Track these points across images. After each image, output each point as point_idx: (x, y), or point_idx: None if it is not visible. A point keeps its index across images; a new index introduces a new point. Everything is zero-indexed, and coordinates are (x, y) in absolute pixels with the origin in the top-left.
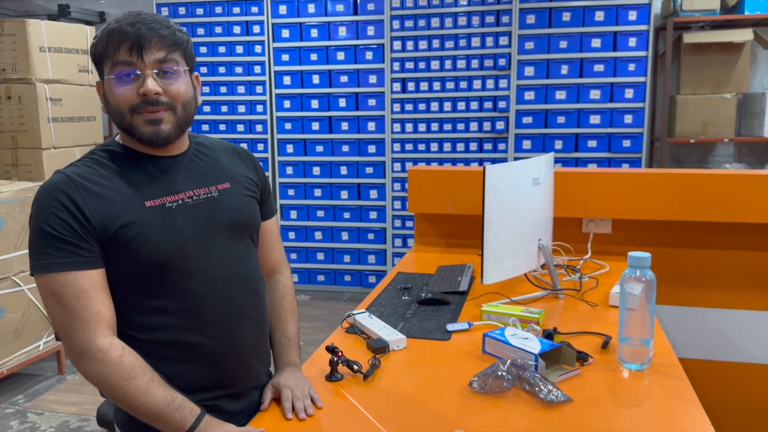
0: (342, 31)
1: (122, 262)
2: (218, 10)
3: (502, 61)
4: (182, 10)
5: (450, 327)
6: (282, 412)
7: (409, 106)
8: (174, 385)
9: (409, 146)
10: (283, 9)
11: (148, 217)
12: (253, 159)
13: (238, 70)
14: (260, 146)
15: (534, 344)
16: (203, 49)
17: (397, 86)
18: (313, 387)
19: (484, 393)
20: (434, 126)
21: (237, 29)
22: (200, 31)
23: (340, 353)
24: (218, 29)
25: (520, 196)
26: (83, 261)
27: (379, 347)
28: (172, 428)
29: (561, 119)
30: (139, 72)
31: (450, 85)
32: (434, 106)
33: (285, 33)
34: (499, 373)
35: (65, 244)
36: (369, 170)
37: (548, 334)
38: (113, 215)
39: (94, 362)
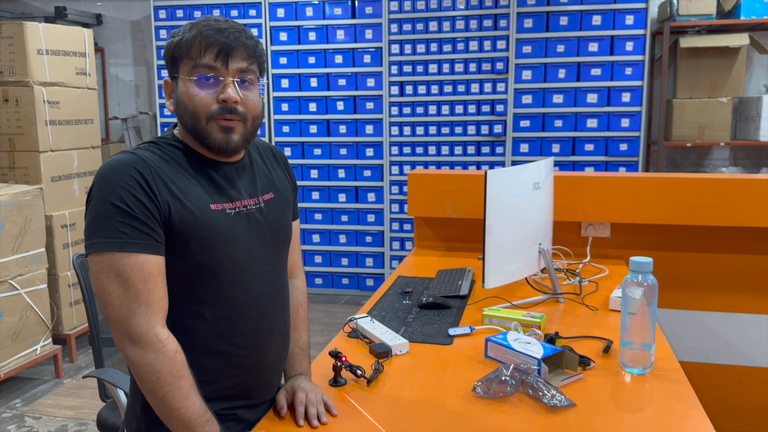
0: (340, 34)
1: (175, 260)
2: (216, 13)
3: (499, 65)
4: (180, 13)
5: (452, 331)
6: (293, 417)
7: (407, 110)
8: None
9: (407, 149)
10: (281, 12)
11: (212, 219)
12: (286, 160)
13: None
14: None
15: (537, 349)
16: None
17: (395, 89)
18: (325, 395)
19: (488, 398)
20: (432, 129)
21: None
22: None
23: (343, 358)
24: None
25: (520, 201)
26: (155, 245)
27: (381, 352)
28: None
29: (558, 123)
30: (221, 78)
31: (448, 88)
32: (432, 109)
33: (283, 36)
34: (503, 377)
35: (140, 224)
36: (367, 173)
37: (550, 339)
38: (180, 210)
39: (150, 351)
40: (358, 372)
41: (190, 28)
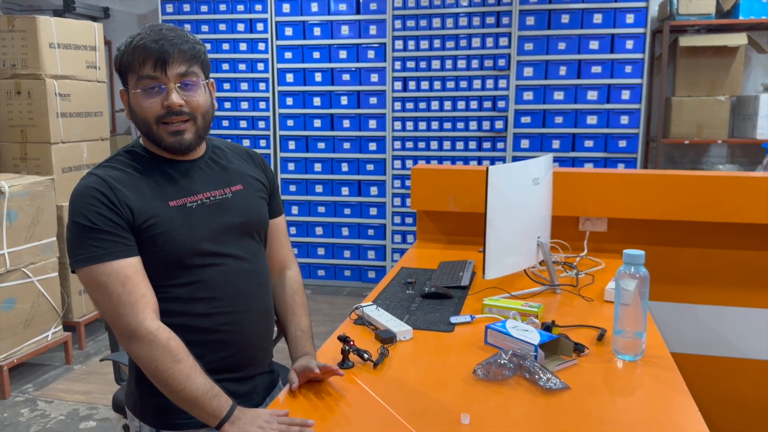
0: (344, 29)
1: (146, 255)
2: (222, 7)
3: (501, 62)
4: (187, 7)
5: (453, 319)
6: (306, 394)
7: (409, 105)
8: None
9: (409, 144)
10: (286, 7)
11: (171, 215)
12: (264, 162)
13: (242, 67)
14: (263, 142)
15: (534, 336)
16: (207, 46)
17: (398, 85)
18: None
19: (487, 380)
20: (434, 124)
21: (241, 27)
22: (204, 28)
23: (351, 342)
24: (222, 26)
25: (520, 196)
26: (125, 249)
27: (387, 337)
28: (207, 415)
29: (559, 119)
30: (163, 86)
31: (450, 84)
32: (434, 104)
33: (288, 31)
34: (502, 361)
35: (107, 236)
36: (370, 167)
37: (547, 327)
38: (142, 212)
39: (143, 343)
40: (365, 356)
41: (129, 43)
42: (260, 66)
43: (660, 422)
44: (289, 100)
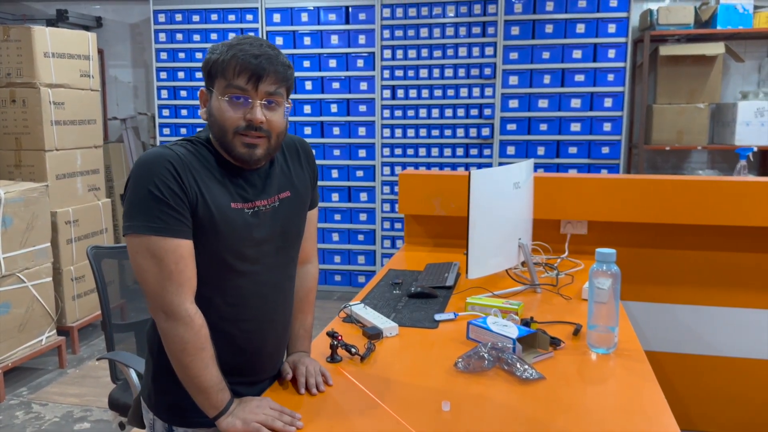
0: (334, 39)
1: (197, 249)
2: (214, 17)
3: (487, 71)
4: (179, 17)
5: (438, 317)
6: (296, 387)
7: (398, 112)
8: None
9: (398, 151)
10: (277, 17)
11: (231, 217)
12: (309, 153)
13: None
14: None
15: (512, 330)
16: (198, 55)
17: (387, 93)
18: (323, 367)
19: (468, 372)
20: (422, 132)
21: (232, 36)
22: (196, 37)
23: (339, 337)
24: (214, 36)
25: (502, 199)
26: (186, 230)
27: (373, 333)
28: (210, 405)
29: (543, 126)
30: (249, 99)
31: (438, 92)
32: (423, 112)
33: (279, 40)
34: (481, 353)
35: (173, 212)
36: (359, 174)
37: (525, 323)
38: (205, 204)
39: (179, 324)
40: (353, 350)
41: (228, 49)
42: None
43: (628, 408)
44: None
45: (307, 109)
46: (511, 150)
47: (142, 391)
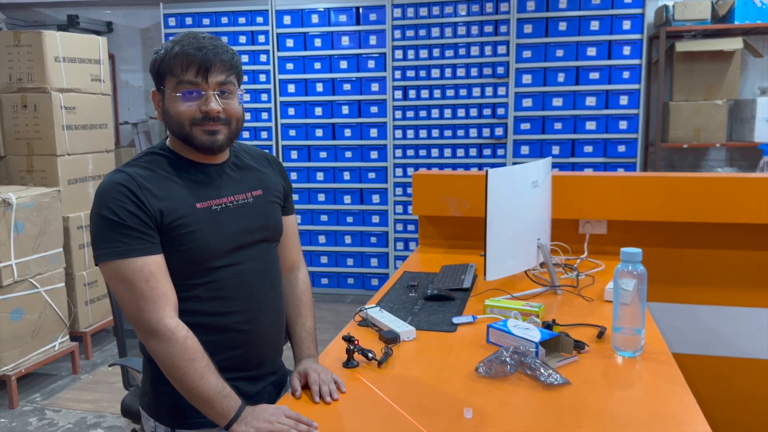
0: (345, 40)
1: (170, 254)
2: (224, 20)
3: (500, 70)
4: (189, 21)
5: (456, 320)
6: (310, 396)
7: (410, 113)
8: None
9: (410, 152)
10: (287, 19)
11: (198, 216)
12: (280, 166)
13: (244, 78)
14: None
15: (534, 334)
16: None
17: (398, 94)
18: (334, 374)
19: (489, 377)
20: (435, 132)
21: (243, 39)
22: None
23: (356, 342)
24: (224, 39)
25: (520, 199)
26: (150, 247)
27: (390, 338)
28: (217, 414)
29: (558, 125)
30: (202, 92)
31: (450, 92)
32: (435, 113)
33: (289, 42)
34: (503, 358)
35: (133, 232)
36: (371, 175)
37: (547, 326)
38: (170, 211)
39: (162, 340)
40: (369, 355)
41: (173, 46)
42: (262, 77)
43: (658, 414)
44: (291, 111)
45: (319, 111)
46: (525, 150)
47: (142, 399)
